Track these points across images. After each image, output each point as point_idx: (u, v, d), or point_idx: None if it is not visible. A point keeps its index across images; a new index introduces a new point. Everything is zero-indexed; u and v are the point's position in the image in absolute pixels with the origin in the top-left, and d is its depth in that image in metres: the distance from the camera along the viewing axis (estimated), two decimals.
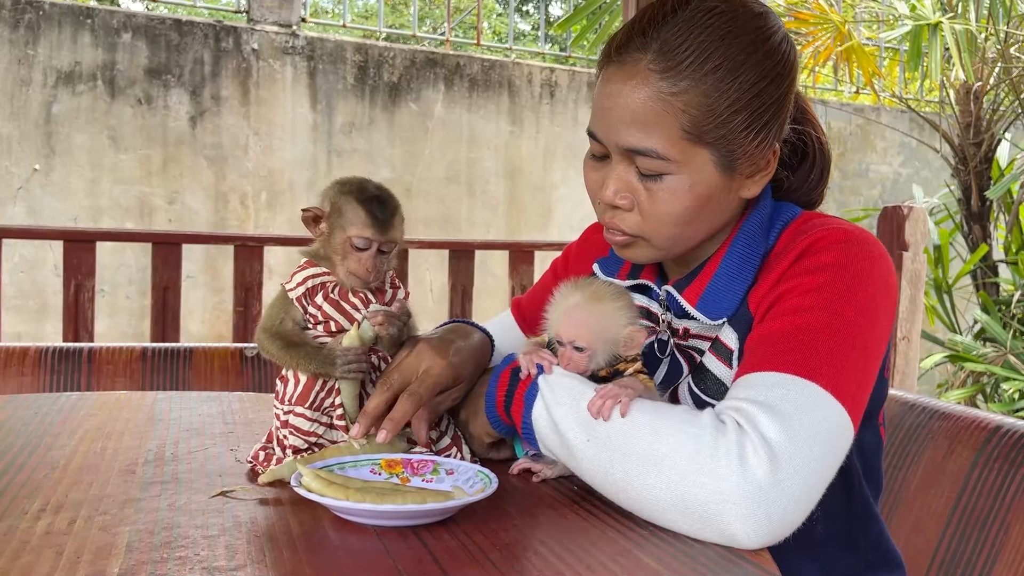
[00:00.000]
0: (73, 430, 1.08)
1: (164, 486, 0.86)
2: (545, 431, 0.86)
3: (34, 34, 3.92)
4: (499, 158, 4.83)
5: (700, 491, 0.76)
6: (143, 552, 0.69)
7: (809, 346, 0.83)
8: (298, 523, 0.77)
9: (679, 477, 0.77)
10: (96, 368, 1.70)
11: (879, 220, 2.58)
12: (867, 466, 1.00)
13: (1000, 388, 3.98)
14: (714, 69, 0.86)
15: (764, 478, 0.75)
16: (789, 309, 0.86)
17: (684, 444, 0.78)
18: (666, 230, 0.90)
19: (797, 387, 0.81)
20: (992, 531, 1.17)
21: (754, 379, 0.83)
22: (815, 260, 0.88)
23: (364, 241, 0.91)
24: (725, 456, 0.76)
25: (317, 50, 4.42)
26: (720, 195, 0.90)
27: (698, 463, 0.76)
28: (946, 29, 4.05)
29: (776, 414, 0.78)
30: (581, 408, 0.83)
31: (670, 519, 0.78)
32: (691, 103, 0.86)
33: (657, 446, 0.78)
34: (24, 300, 3.89)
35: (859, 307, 0.86)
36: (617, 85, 0.88)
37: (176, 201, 4.17)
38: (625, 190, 0.90)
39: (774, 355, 0.83)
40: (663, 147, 0.86)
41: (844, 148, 5.63)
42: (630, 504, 0.80)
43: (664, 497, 0.77)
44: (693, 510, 0.76)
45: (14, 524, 0.74)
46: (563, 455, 0.85)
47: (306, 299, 0.93)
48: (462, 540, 0.73)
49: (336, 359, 0.89)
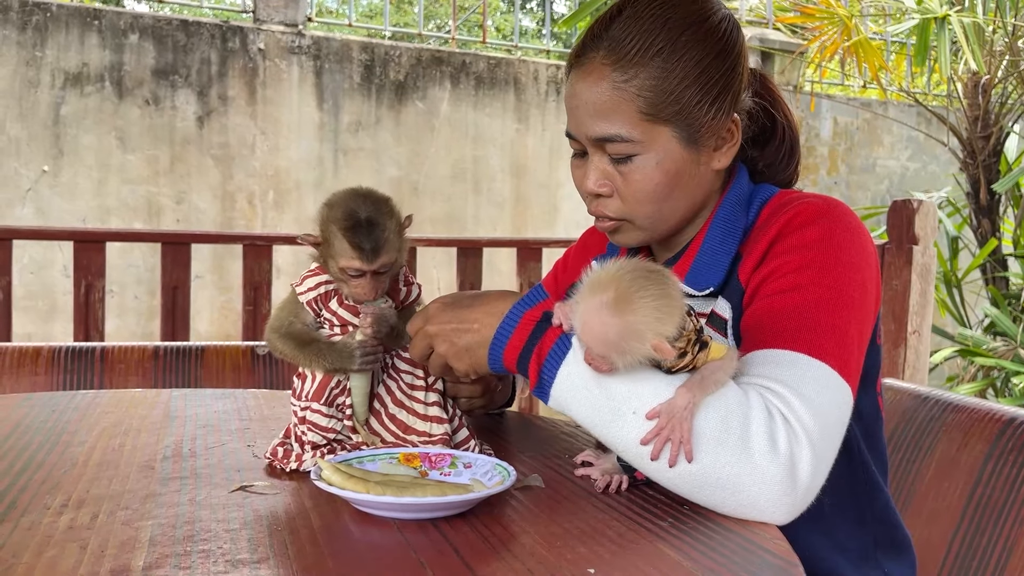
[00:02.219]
0: (91, 427, 1.09)
1: (183, 481, 0.87)
2: (577, 389, 0.82)
3: (42, 36, 3.93)
4: (505, 156, 4.84)
5: (735, 468, 0.79)
6: (166, 546, 0.69)
7: (814, 324, 0.88)
8: (319, 516, 0.77)
9: (715, 454, 0.79)
10: (108, 367, 1.71)
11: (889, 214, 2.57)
12: (866, 432, 1.03)
13: (1010, 382, 3.97)
14: (658, 52, 0.94)
15: (793, 457, 0.80)
16: (788, 286, 0.91)
17: (722, 422, 0.80)
18: (644, 208, 0.97)
19: (813, 368, 0.86)
20: (1007, 523, 1.16)
21: (769, 356, 0.87)
22: (801, 236, 0.93)
23: (355, 271, 0.91)
24: (757, 435, 0.80)
25: (323, 49, 4.42)
26: (690, 168, 0.97)
27: (734, 441, 0.80)
28: (954, 22, 4.04)
29: (801, 397, 0.83)
30: (636, 377, 0.80)
31: (705, 494, 0.80)
32: (643, 86, 0.94)
33: (697, 423, 0.80)
34: (33, 301, 3.91)
35: (848, 280, 0.92)
36: (579, 85, 0.97)
37: (184, 201, 4.18)
38: (603, 177, 0.98)
39: (784, 332, 0.88)
40: (626, 130, 0.94)
41: (851, 143, 5.62)
42: (666, 476, 0.81)
43: (700, 472, 0.79)
44: (727, 486, 0.79)
45: (37, 519, 0.75)
46: (594, 418, 0.81)
47: (318, 304, 0.95)
48: (482, 532, 0.74)
49: (354, 352, 0.90)
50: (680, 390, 0.79)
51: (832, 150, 5.55)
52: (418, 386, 0.96)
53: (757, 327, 0.91)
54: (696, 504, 0.82)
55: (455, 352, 0.90)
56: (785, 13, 5.01)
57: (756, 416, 0.81)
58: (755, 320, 0.91)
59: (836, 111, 5.52)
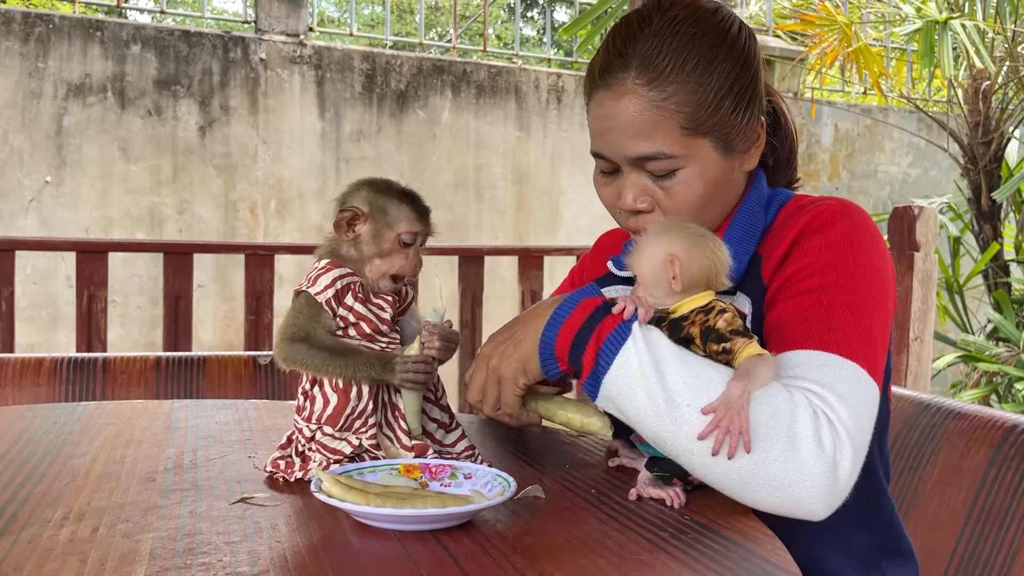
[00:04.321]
0: (92, 439, 1.09)
1: (184, 493, 0.87)
2: (634, 376, 0.81)
3: (44, 47, 3.95)
4: (507, 163, 4.84)
5: (783, 464, 0.80)
6: (167, 559, 0.69)
7: (841, 325, 0.90)
8: (319, 528, 0.77)
9: (764, 451, 0.80)
10: (111, 377, 1.71)
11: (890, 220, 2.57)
12: (877, 437, 1.02)
13: (1013, 388, 3.96)
14: (693, 68, 0.95)
15: (836, 456, 0.82)
16: (813, 287, 0.92)
17: (771, 418, 0.81)
18: (688, 218, 0.97)
19: (845, 368, 0.87)
20: (1010, 530, 1.16)
21: (803, 357, 0.88)
22: (823, 237, 0.95)
23: (412, 236, 0.93)
24: (804, 433, 0.81)
25: (324, 59, 4.44)
26: (727, 175, 0.99)
27: (783, 438, 0.81)
28: (956, 26, 4.04)
29: (839, 397, 0.85)
30: (694, 371, 0.81)
31: (751, 490, 0.81)
32: (682, 102, 0.95)
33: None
34: (36, 311, 3.92)
35: (870, 280, 0.93)
36: (611, 106, 0.97)
37: (186, 211, 4.19)
38: (643, 194, 0.98)
39: (813, 333, 0.89)
40: (669, 147, 0.95)
41: (852, 149, 5.62)
42: (714, 472, 0.81)
43: (750, 467, 0.80)
44: (774, 482, 0.80)
45: (38, 532, 0.75)
46: (648, 408, 0.81)
47: (335, 301, 0.91)
48: (482, 544, 0.74)
49: (397, 365, 0.88)
50: (732, 383, 0.81)
51: (833, 156, 5.56)
52: (427, 399, 0.95)
53: (786, 328, 0.92)
54: (697, 515, 0.82)
55: (503, 357, 0.88)
56: (785, 20, 5.02)
57: (802, 415, 0.82)
58: (783, 321, 0.93)
59: (837, 117, 5.53)
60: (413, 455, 0.92)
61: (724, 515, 0.83)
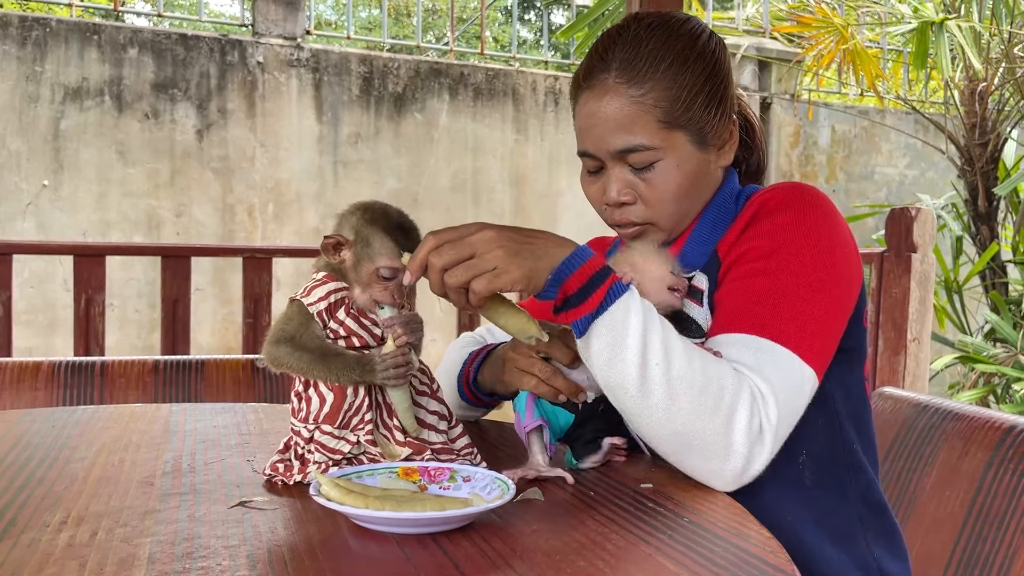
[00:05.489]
0: (90, 443, 1.09)
1: (183, 497, 0.87)
2: (615, 330, 0.88)
3: (41, 51, 3.95)
4: (504, 166, 4.85)
5: (714, 436, 0.89)
6: (165, 563, 0.69)
7: (778, 311, 0.96)
8: (318, 532, 0.77)
9: (706, 423, 0.89)
10: (109, 381, 1.71)
11: (887, 222, 2.57)
12: (852, 413, 1.07)
13: (1011, 389, 3.96)
14: (668, 67, 1.04)
15: (757, 443, 0.90)
16: (756, 271, 0.99)
17: (717, 395, 0.89)
18: (668, 208, 1.06)
19: (775, 354, 0.94)
20: (1009, 531, 1.16)
21: (738, 340, 0.96)
22: (771, 221, 1.01)
23: (391, 272, 0.91)
24: (740, 415, 0.90)
25: (322, 62, 4.44)
26: (703, 168, 1.07)
27: (724, 412, 0.89)
28: (952, 28, 4.05)
29: (768, 383, 0.92)
30: (667, 334, 0.90)
31: (674, 446, 0.90)
32: (659, 98, 1.03)
33: (701, 388, 0.89)
34: (34, 315, 3.91)
35: (817, 263, 0.98)
36: (594, 104, 1.05)
37: (184, 214, 4.19)
38: (626, 187, 1.06)
39: (750, 317, 0.97)
40: (648, 139, 1.03)
41: (849, 151, 5.63)
42: (655, 432, 0.90)
43: (685, 426, 0.89)
44: (698, 447, 0.89)
45: (36, 537, 0.75)
46: (627, 357, 0.88)
47: (327, 314, 0.92)
48: (481, 547, 0.74)
49: (376, 365, 0.89)
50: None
51: (831, 158, 5.56)
52: (423, 392, 0.96)
53: (726, 310, 1.00)
54: (695, 516, 0.82)
55: (514, 256, 0.87)
56: (781, 22, 5.03)
57: (744, 397, 0.90)
58: (727, 301, 1.00)
59: (834, 119, 5.54)
60: (410, 451, 0.92)
61: (721, 517, 0.83)
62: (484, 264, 0.87)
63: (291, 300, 0.94)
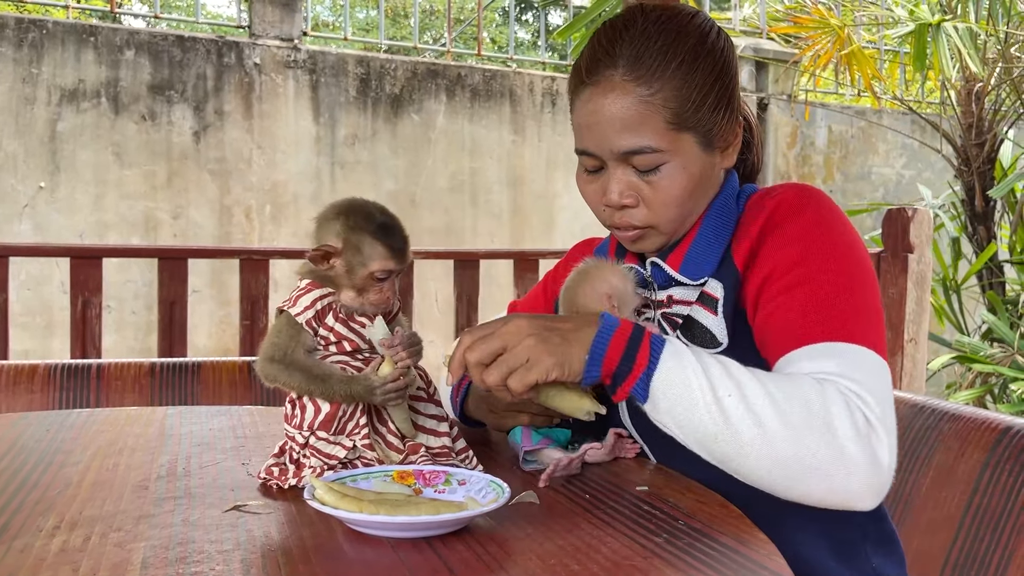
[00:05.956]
0: (85, 447, 1.09)
1: (177, 501, 0.86)
2: (675, 378, 0.85)
3: (38, 53, 3.94)
4: (502, 167, 4.84)
5: (825, 454, 0.83)
6: (158, 568, 0.69)
7: (837, 312, 0.92)
8: (312, 536, 0.77)
9: (804, 442, 0.83)
10: (105, 384, 1.71)
11: (884, 222, 2.57)
12: None
13: (1008, 389, 3.96)
14: (678, 66, 0.99)
15: (873, 442, 0.85)
16: (797, 280, 0.94)
17: (804, 411, 0.84)
18: (671, 212, 1.01)
19: (855, 353, 0.90)
20: (1005, 532, 1.16)
21: (812, 351, 0.91)
22: (792, 228, 0.98)
23: (386, 274, 0.91)
24: (840, 421, 0.84)
25: (319, 63, 4.44)
26: (707, 170, 1.03)
27: (819, 427, 0.84)
28: (948, 29, 4.05)
29: (860, 384, 0.87)
30: (725, 363, 0.87)
31: (794, 482, 0.84)
32: (668, 98, 0.98)
33: (782, 411, 0.85)
34: (31, 317, 3.90)
35: (849, 260, 0.96)
36: (598, 101, 0.99)
37: (181, 216, 4.18)
38: (628, 189, 1.01)
39: (814, 326, 0.92)
40: (655, 141, 0.98)
41: (846, 151, 5.63)
42: (761, 467, 0.85)
43: (793, 459, 0.83)
44: (817, 472, 0.83)
45: (30, 542, 0.75)
46: (699, 400, 0.85)
47: (316, 321, 0.92)
48: (476, 550, 0.74)
49: (375, 389, 0.89)
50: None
51: (828, 158, 5.57)
52: (419, 397, 0.96)
53: (778, 329, 0.94)
54: (692, 519, 0.82)
55: (545, 344, 0.87)
56: (778, 23, 5.03)
57: (834, 402, 0.85)
58: (779, 320, 0.94)
59: (831, 119, 5.54)
60: (407, 454, 0.92)
61: (718, 520, 0.83)
62: (516, 359, 0.87)
63: (279, 311, 0.94)
